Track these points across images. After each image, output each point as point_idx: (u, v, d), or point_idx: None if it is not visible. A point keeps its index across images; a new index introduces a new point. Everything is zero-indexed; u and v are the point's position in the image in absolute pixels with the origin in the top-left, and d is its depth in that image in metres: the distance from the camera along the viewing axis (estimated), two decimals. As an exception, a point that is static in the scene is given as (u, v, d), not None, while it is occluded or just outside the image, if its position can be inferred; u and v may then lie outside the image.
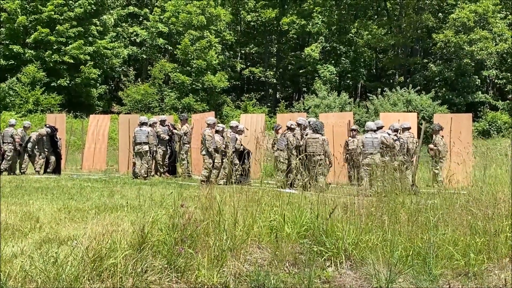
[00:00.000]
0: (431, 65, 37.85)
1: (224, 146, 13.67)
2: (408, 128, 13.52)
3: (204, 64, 36.77)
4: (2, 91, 31.42)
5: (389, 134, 12.34)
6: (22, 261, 4.43)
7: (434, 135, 14.25)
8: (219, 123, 15.55)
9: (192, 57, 36.94)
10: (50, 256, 4.29)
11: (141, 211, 7.27)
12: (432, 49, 39.91)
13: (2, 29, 34.05)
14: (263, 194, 5.96)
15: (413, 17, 38.13)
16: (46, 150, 16.50)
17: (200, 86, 36.97)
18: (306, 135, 12.73)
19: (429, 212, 5.75)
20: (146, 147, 14.99)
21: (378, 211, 5.74)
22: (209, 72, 37.53)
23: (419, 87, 32.78)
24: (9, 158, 16.02)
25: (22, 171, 16.40)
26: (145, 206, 7.88)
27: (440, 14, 39.87)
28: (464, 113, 23.87)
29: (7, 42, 33.40)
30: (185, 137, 16.02)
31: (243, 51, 47.21)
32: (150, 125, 15.69)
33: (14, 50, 32.63)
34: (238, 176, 12.65)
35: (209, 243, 4.71)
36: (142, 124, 15.28)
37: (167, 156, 16.40)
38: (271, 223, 5.40)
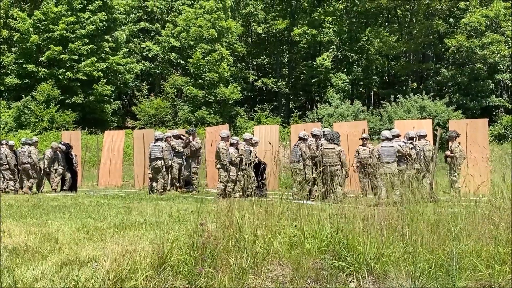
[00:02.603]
0: (444, 70, 37.64)
1: (239, 159, 13.65)
2: (424, 136, 13.42)
3: (216, 76, 36.86)
4: (17, 109, 31.74)
5: (404, 143, 12.26)
6: (43, 285, 4.43)
7: (450, 142, 14.13)
8: (233, 135, 15.54)
9: (204, 70, 37.05)
10: (71, 280, 4.28)
11: (159, 229, 7.27)
12: (444, 54, 39.69)
13: (15, 48, 34.45)
14: (282, 210, 5.90)
15: (424, 23, 37.99)
16: (61, 167, 16.58)
17: (213, 98, 37.06)
18: (321, 145, 12.67)
19: (450, 222, 5.67)
20: (160, 163, 15.00)
21: (399, 223, 5.66)
22: (221, 85, 37.63)
23: (432, 93, 32.58)
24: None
25: (39, 189, 16.50)
26: (163, 223, 7.88)
27: (451, 19, 39.66)
28: (479, 117, 23.67)
29: (20, 61, 33.77)
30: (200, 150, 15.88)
31: (254, 63, 47.28)
32: (165, 140, 15.72)
33: (28, 69, 32.98)
34: (254, 188, 12.62)
35: (229, 261, 4.67)
36: (157, 139, 15.30)
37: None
38: (291, 238, 5.35)
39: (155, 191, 14.92)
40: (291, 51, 45.51)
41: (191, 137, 15.65)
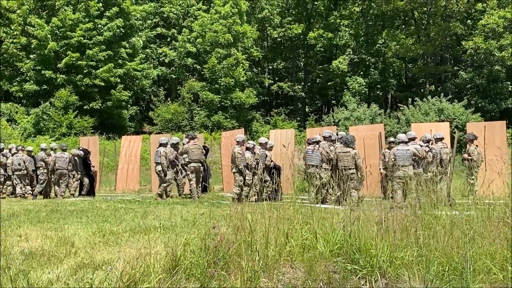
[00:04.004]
0: (462, 72, 37.33)
1: (255, 163, 13.65)
2: (441, 139, 13.30)
3: (232, 81, 36.96)
4: (36, 116, 32.12)
5: (420, 146, 12.17)
6: (58, 288, 4.48)
7: (468, 145, 14.01)
8: (248, 139, 15.55)
9: (220, 75, 37.15)
10: (85, 282, 4.33)
11: (174, 232, 7.30)
12: (462, 56, 39.38)
13: (33, 55, 34.87)
14: (295, 212, 5.91)
15: (441, 25, 37.68)
16: (79, 172, 16.76)
17: (229, 103, 37.15)
18: (336, 148, 12.63)
19: (464, 225, 5.63)
20: (158, 167, 15.11)
21: (413, 226, 5.63)
22: (237, 89, 37.70)
23: (450, 96, 32.26)
24: (42, 181, 16.33)
25: (57, 194, 16.67)
26: (177, 227, 7.91)
27: (468, 21, 39.34)
28: (498, 120, 23.42)
29: (39, 67, 34.15)
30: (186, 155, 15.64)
31: (270, 67, 47.31)
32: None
33: (46, 75, 33.36)
34: (269, 192, 12.61)
35: (241, 264, 4.69)
36: (160, 145, 15.46)
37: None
38: (303, 241, 5.35)
39: (168, 195, 15.03)
40: (307, 55, 45.43)
41: (185, 141, 15.70)
